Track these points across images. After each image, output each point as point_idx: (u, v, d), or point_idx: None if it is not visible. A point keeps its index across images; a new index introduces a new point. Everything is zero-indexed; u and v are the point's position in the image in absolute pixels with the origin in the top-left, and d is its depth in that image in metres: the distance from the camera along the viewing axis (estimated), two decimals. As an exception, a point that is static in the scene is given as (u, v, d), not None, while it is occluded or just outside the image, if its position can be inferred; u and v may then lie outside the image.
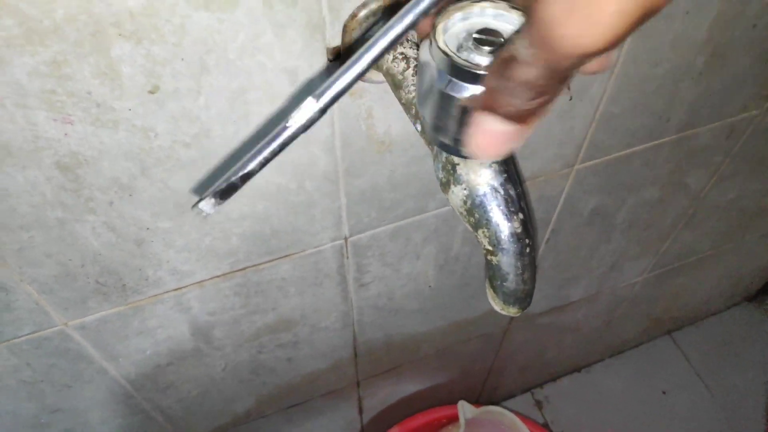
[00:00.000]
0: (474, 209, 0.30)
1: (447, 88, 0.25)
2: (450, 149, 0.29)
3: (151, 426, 0.70)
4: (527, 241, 0.30)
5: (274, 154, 0.23)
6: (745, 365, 1.38)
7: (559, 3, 0.18)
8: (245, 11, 0.33)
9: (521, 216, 0.30)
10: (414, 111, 0.34)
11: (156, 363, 0.60)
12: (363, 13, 0.35)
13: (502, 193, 0.29)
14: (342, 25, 0.36)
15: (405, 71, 0.34)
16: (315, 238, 0.54)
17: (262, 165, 0.23)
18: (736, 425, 1.28)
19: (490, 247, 0.30)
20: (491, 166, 0.29)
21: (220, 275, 0.53)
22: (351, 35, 0.36)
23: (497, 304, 0.33)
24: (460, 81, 0.24)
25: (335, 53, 0.37)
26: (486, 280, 0.33)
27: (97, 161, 0.38)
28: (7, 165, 0.35)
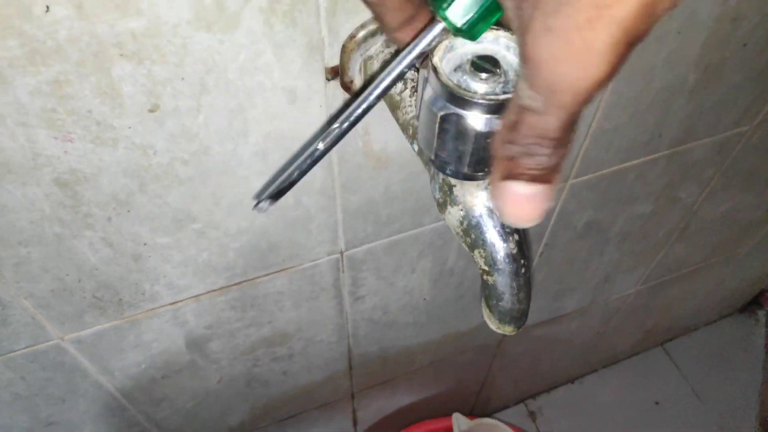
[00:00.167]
0: (470, 230, 0.30)
1: (444, 113, 0.25)
2: (446, 170, 0.30)
3: (145, 439, 0.70)
4: (522, 262, 0.31)
5: (309, 167, 0.29)
6: (737, 376, 1.39)
7: (551, 43, 0.18)
8: (246, 32, 0.33)
9: (516, 237, 0.30)
10: (411, 131, 0.34)
11: (151, 376, 0.60)
12: (361, 34, 0.35)
13: (497, 215, 0.30)
14: (341, 46, 0.36)
15: (402, 92, 0.34)
16: (311, 252, 0.54)
17: (300, 176, 0.29)
18: (728, 436, 1.29)
19: (486, 268, 0.31)
20: (487, 188, 0.30)
21: (216, 289, 0.53)
22: (349, 55, 0.36)
23: (493, 323, 0.33)
24: (457, 108, 0.25)
25: (334, 73, 0.38)
26: (482, 299, 0.33)
27: (96, 178, 0.38)
28: (7, 182, 0.35)
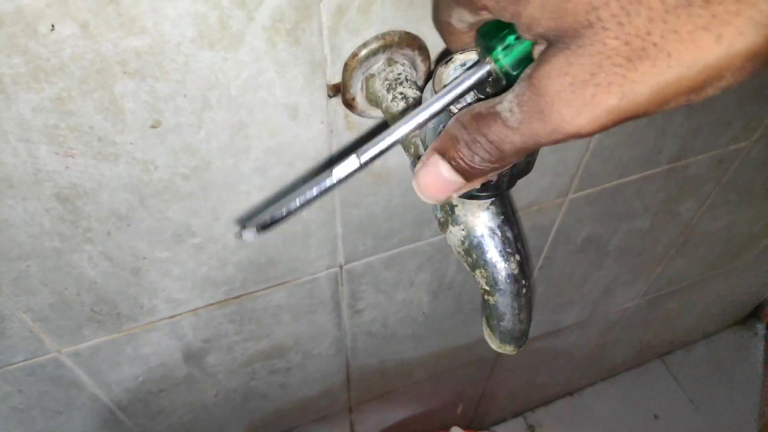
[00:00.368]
0: (471, 250, 0.30)
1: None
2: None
3: (141, 452, 0.69)
4: (524, 282, 0.31)
5: (315, 198, 0.26)
6: (736, 388, 1.38)
7: (564, 82, 0.18)
8: (249, 50, 0.33)
9: (518, 257, 0.30)
10: (412, 149, 0.34)
11: (148, 389, 0.60)
12: (364, 53, 0.36)
13: (499, 235, 0.30)
14: (343, 63, 0.36)
15: (404, 110, 0.35)
16: (311, 266, 0.54)
17: (302, 206, 0.26)
18: (727, 450, 1.29)
19: (487, 287, 0.31)
20: (489, 208, 0.30)
21: (215, 303, 0.53)
22: (351, 73, 0.36)
23: (494, 342, 0.33)
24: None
25: (335, 90, 0.38)
26: (483, 318, 0.33)
27: (97, 193, 0.38)
28: (8, 196, 0.35)
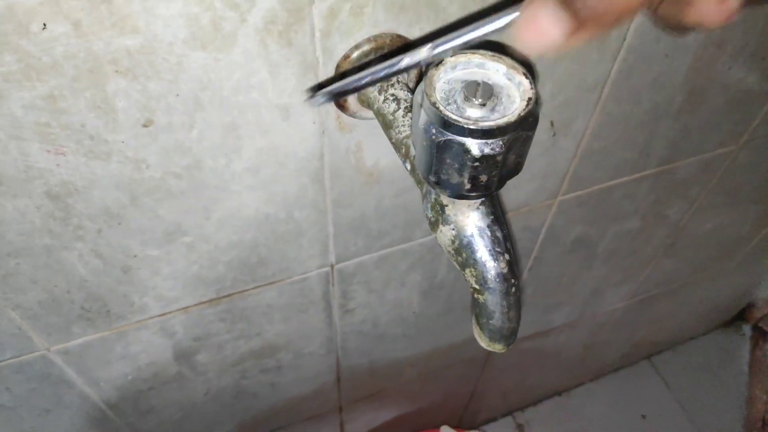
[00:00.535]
0: (462, 249, 0.31)
1: (439, 139, 0.26)
2: (441, 189, 0.30)
3: (131, 451, 0.69)
4: (513, 281, 0.31)
5: (383, 77, 0.27)
6: (723, 389, 1.40)
7: None
8: (241, 51, 0.34)
9: (507, 257, 0.31)
10: (404, 150, 0.35)
11: (138, 388, 0.60)
12: (356, 55, 0.36)
13: (489, 234, 0.30)
14: (335, 65, 0.37)
15: (396, 112, 0.35)
16: (302, 265, 0.54)
17: (370, 83, 0.27)
18: (713, 450, 1.30)
19: (477, 286, 0.31)
20: (479, 208, 0.30)
21: (205, 301, 0.53)
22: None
23: (483, 340, 0.34)
24: (451, 134, 0.25)
25: (327, 90, 0.38)
26: (472, 317, 0.34)
27: (88, 191, 0.38)
28: (-2, 194, 0.35)
